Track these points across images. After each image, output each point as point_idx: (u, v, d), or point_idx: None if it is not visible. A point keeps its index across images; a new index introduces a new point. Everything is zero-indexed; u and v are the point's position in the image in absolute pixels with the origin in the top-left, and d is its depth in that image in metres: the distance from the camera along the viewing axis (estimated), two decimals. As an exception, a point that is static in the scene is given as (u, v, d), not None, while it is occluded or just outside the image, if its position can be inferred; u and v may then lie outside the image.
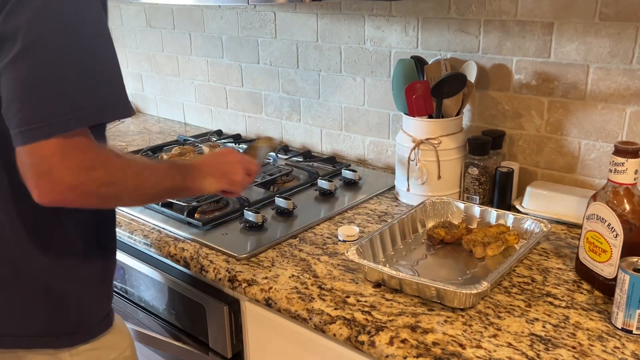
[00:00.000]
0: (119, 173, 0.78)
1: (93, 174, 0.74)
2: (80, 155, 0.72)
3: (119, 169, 0.78)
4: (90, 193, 0.74)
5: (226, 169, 1.02)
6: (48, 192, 0.71)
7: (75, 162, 0.72)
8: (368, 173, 1.51)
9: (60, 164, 0.70)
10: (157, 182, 0.87)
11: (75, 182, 0.72)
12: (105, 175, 0.75)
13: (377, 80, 1.51)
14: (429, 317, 0.87)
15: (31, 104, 0.69)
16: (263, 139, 1.39)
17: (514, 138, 1.31)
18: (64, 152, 0.70)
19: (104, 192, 0.76)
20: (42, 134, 0.69)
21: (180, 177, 0.92)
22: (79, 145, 0.72)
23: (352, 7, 1.49)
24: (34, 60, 0.69)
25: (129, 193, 0.82)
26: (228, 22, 1.80)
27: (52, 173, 0.70)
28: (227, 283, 1.02)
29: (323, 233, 1.17)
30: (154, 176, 0.86)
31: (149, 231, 1.20)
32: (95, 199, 0.77)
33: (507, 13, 1.24)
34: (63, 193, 0.72)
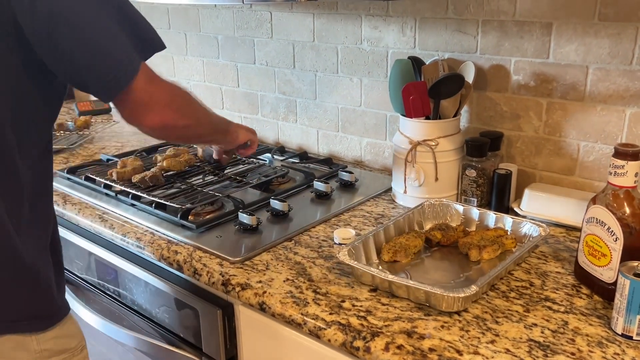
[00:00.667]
0: (188, 96, 0.99)
1: (177, 93, 0.95)
2: (159, 79, 0.90)
3: (187, 93, 0.99)
4: (180, 109, 0.93)
5: (249, 128, 1.29)
6: (157, 114, 0.89)
7: (162, 85, 0.91)
8: (365, 175, 1.49)
9: (155, 88, 0.89)
10: (214, 116, 1.12)
11: (168, 99, 0.91)
12: (183, 96, 0.97)
13: (374, 80, 1.49)
14: (425, 322, 0.85)
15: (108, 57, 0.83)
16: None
17: (512, 139, 1.30)
18: (150, 79, 0.88)
19: (188, 111, 0.96)
20: (133, 73, 0.84)
21: (225, 121, 1.18)
22: (153, 73, 0.89)
23: (348, 6, 1.48)
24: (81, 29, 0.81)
25: (201, 117, 1.03)
26: (224, 22, 1.79)
27: (153, 96, 0.88)
28: (221, 287, 1.01)
29: (319, 236, 1.15)
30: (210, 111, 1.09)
31: (142, 233, 1.18)
32: (185, 118, 0.95)
33: (506, 13, 1.23)
34: (166, 111, 0.91)
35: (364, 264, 0.99)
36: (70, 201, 1.36)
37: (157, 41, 0.92)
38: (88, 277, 1.35)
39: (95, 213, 1.29)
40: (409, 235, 1.08)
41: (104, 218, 1.26)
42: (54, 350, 0.94)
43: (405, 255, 1.03)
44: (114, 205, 1.31)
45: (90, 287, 1.35)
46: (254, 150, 1.32)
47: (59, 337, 0.95)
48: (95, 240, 1.28)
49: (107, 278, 1.28)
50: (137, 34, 0.88)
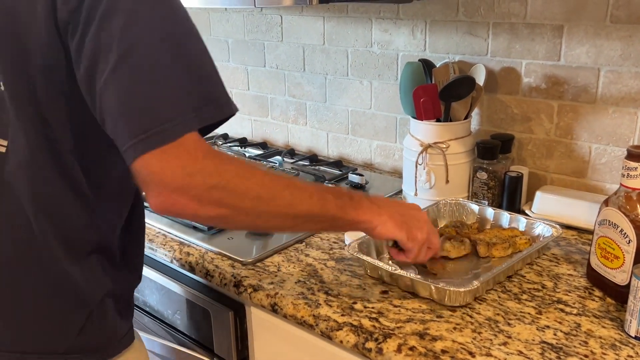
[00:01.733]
0: (234, 178, 0.70)
1: (200, 177, 0.68)
2: (185, 157, 0.67)
3: (234, 174, 0.71)
4: (200, 197, 0.68)
5: (410, 220, 0.88)
6: (157, 196, 0.67)
7: (179, 164, 0.67)
8: (375, 177, 1.50)
9: (165, 167, 0.66)
10: (296, 201, 0.75)
11: (181, 183, 0.67)
12: (214, 178, 0.68)
13: (384, 83, 1.50)
14: (437, 324, 0.85)
15: (135, 115, 0.66)
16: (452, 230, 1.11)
17: (523, 142, 1.29)
18: (169, 156, 0.66)
19: (216, 198, 0.69)
20: (149, 145, 0.65)
21: (337, 202, 0.80)
22: (185, 148, 0.67)
23: (359, 10, 1.48)
24: (132, 70, 0.66)
25: (250, 206, 0.72)
26: (234, 26, 1.80)
27: (158, 176, 0.66)
28: (233, 288, 1.01)
29: (329, 238, 1.15)
30: (293, 193, 0.75)
31: (154, 235, 1.19)
32: (209, 207, 0.69)
33: (517, 15, 1.23)
34: (172, 197, 0.67)
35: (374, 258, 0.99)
36: (82, 203, 1.37)
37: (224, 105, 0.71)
38: (100, 278, 1.36)
39: (108, 215, 1.30)
40: None
41: (116, 220, 1.27)
42: None
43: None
44: (126, 207, 1.32)
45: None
46: (409, 259, 0.92)
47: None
48: (107, 242, 1.29)
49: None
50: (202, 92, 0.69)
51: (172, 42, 0.68)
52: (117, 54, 0.65)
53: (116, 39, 0.65)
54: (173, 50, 0.68)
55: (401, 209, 0.89)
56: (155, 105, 0.66)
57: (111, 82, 0.66)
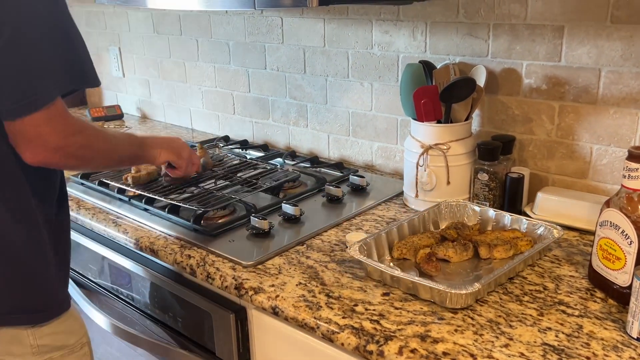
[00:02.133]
0: (93, 138, 0.95)
1: (74, 138, 0.89)
2: (63, 122, 0.87)
3: (94, 135, 0.95)
4: (71, 154, 0.90)
5: (175, 146, 1.24)
6: (38, 153, 0.86)
7: (60, 128, 0.87)
8: (376, 179, 1.50)
9: (48, 129, 0.85)
10: (122, 149, 1.06)
11: (60, 144, 0.87)
12: (83, 139, 0.91)
13: (385, 85, 1.49)
14: (439, 326, 0.85)
15: (19, 83, 0.82)
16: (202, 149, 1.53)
17: (524, 143, 1.29)
18: (50, 119, 0.85)
19: (82, 154, 0.92)
20: (30, 108, 0.83)
21: (137, 147, 1.12)
22: (60, 113, 0.86)
23: (359, 11, 1.48)
24: (15, 47, 0.81)
25: (101, 156, 0.99)
26: (235, 28, 1.80)
27: (41, 137, 0.85)
28: (234, 291, 1.01)
29: (330, 240, 1.15)
30: (119, 144, 1.05)
31: (155, 238, 1.19)
32: (74, 159, 0.92)
33: (517, 17, 1.23)
34: (50, 153, 0.87)
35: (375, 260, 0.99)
36: (84, 206, 1.37)
37: (91, 75, 0.91)
38: (102, 281, 1.36)
39: (109, 218, 1.30)
40: (422, 234, 1.08)
41: (117, 223, 1.27)
42: (51, 346, 0.97)
43: (414, 253, 1.04)
44: (127, 210, 1.32)
45: (104, 291, 1.36)
46: (180, 173, 1.29)
47: (56, 333, 0.97)
48: (108, 245, 1.30)
49: (121, 282, 1.29)
50: (74, 62, 0.87)
51: (48, 19, 0.84)
52: (7, 35, 0.80)
53: (7, 22, 0.80)
54: (49, 25, 0.84)
55: (168, 140, 1.23)
56: (35, 73, 0.83)
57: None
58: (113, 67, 2.31)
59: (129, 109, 2.33)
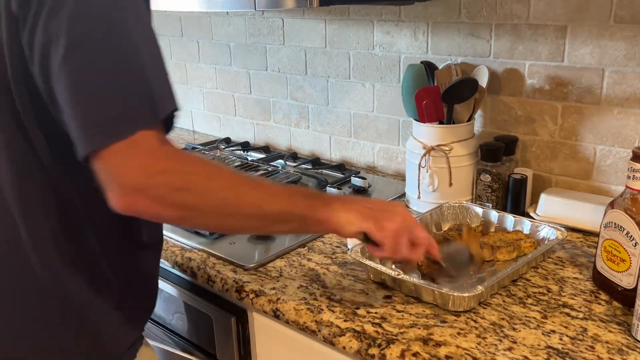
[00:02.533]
0: (198, 179, 0.68)
1: (161, 177, 0.66)
2: (145, 155, 0.66)
3: (198, 175, 0.69)
4: (162, 199, 0.66)
5: (379, 212, 0.82)
6: (118, 196, 0.66)
7: (140, 163, 0.65)
8: (378, 180, 1.49)
9: (125, 166, 0.65)
10: (263, 201, 0.72)
11: (142, 184, 0.65)
12: (178, 179, 0.67)
13: (387, 86, 1.49)
14: (441, 329, 0.84)
15: (85, 108, 0.64)
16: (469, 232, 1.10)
17: (527, 144, 1.28)
18: (127, 153, 0.65)
19: (179, 200, 0.67)
20: (101, 139, 0.64)
21: (307, 202, 0.77)
22: (143, 145, 0.65)
23: (360, 12, 1.48)
24: (80, 60, 0.64)
25: (215, 207, 0.70)
26: (236, 29, 1.79)
27: (118, 176, 0.65)
28: (235, 294, 1.00)
29: (332, 242, 1.14)
30: (260, 193, 0.73)
31: (156, 240, 1.18)
32: (172, 208, 0.68)
33: (519, 17, 1.22)
34: (133, 197, 0.65)
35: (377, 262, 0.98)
36: (84, 208, 1.36)
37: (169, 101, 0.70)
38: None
39: (110, 220, 1.29)
40: None
41: (118, 225, 1.26)
42: None
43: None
44: (127, 213, 1.31)
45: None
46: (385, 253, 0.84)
47: None
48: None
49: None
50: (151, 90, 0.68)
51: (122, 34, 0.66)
52: (67, 44, 0.63)
53: (64, 28, 0.63)
54: (123, 43, 0.66)
55: (372, 204, 0.84)
56: (107, 97, 0.64)
57: (62, 73, 0.64)
58: (114, 69, 2.30)
59: (131, 111, 2.32)
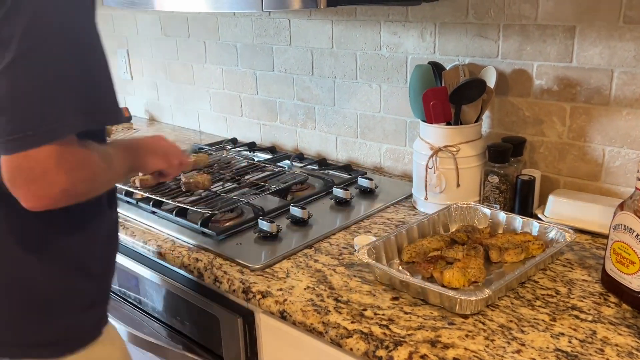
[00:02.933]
0: (97, 169, 0.80)
1: (80, 174, 0.76)
2: (72, 159, 0.74)
3: (97, 165, 0.80)
4: (77, 193, 0.77)
5: (167, 150, 1.08)
6: (41, 195, 0.72)
7: (69, 165, 0.73)
8: (385, 181, 1.48)
9: (56, 168, 0.72)
10: (120, 169, 0.91)
11: (68, 184, 0.73)
12: (88, 173, 0.78)
13: (394, 86, 1.48)
14: (449, 331, 0.84)
15: (23, 112, 0.70)
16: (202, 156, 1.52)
17: (535, 145, 1.28)
18: (60, 156, 0.72)
19: (85, 189, 0.79)
20: (36, 141, 0.70)
21: (132, 158, 0.97)
22: (71, 149, 0.73)
23: (367, 12, 1.47)
24: (25, 69, 0.69)
25: (103, 185, 0.86)
26: (243, 30, 1.79)
27: (47, 176, 0.71)
28: (242, 294, 1.00)
29: (339, 243, 1.14)
30: (117, 164, 0.89)
31: (163, 241, 1.18)
32: (75, 198, 0.78)
33: (527, 17, 1.21)
34: (56, 195, 0.73)
35: (384, 264, 0.98)
36: (91, 209, 1.37)
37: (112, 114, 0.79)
38: (109, 284, 1.35)
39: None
40: (432, 238, 1.07)
41: (125, 226, 1.27)
42: None
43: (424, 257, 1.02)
44: (134, 213, 1.31)
45: (112, 295, 1.36)
46: (169, 178, 1.15)
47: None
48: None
49: (128, 285, 1.29)
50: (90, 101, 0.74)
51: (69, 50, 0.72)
52: (15, 51, 0.68)
53: (17, 37, 0.68)
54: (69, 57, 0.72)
55: (159, 142, 1.08)
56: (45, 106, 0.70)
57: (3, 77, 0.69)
58: (121, 70, 2.31)
59: (137, 112, 2.33)
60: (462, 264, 0.97)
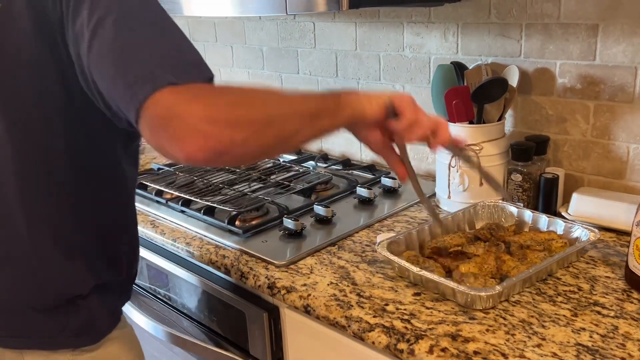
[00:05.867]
0: (247, 92, 0.70)
1: (220, 99, 0.66)
2: (197, 89, 0.67)
3: (243, 91, 0.71)
4: (229, 120, 0.64)
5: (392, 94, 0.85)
6: (187, 136, 0.62)
7: (195, 93, 0.66)
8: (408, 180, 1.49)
9: (185, 102, 0.64)
10: (299, 103, 0.74)
11: (207, 111, 0.63)
12: (234, 97, 0.68)
13: (417, 87, 1.50)
14: (470, 325, 0.85)
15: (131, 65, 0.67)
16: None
17: (559, 143, 1.28)
18: (181, 92, 0.65)
19: (243, 116, 0.65)
20: (160, 82, 0.64)
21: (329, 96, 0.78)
22: (194, 85, 0.68)
23: (390, 14, 1.49)
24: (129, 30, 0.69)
25: (273, 114, 0.69)
26: (268, 34, 1.83)
27: (181, 113, 0.63)
28: (267, 290, 1.03)
29: (362, 241, 1.16)
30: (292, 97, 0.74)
31: (191, 239, 1.22)
32: (240, 126, 0.64)
33: (550, 16, 1.22)
34: (203, 130, 0.62)
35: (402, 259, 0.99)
36: (123, 208, 1.42)
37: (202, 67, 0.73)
38: (140, 281, 1.40)
39: (147, 219, 1.34)
40: (455, 234, 1.08)
41: (155, 224, 1.31)
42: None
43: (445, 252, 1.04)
44: (164, 212, 1.36)
45: (143, 291, 1.40)
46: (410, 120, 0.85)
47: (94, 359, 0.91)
48: (146, 246, 1.33)
49: (158, 282, 1.33)
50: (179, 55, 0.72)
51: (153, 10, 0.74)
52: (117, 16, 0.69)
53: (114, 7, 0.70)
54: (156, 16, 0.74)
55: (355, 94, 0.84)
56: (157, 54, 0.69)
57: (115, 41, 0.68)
58: (151, 74, 2.37)
59: (166, 115, 2.39)
60: (481, 259, 0.98)
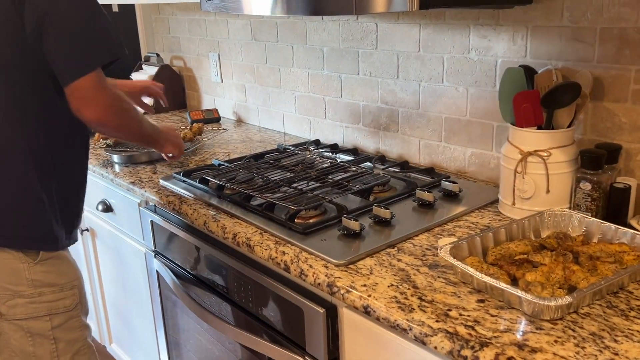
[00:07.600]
0: (127, 106, 1.25)
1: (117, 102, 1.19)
2: (105, 84, 1.15)
3: (127, 103, 1.25)
4: (117, 111, 1.19)
5: (177, 141, 1.56)
6: (94, 111, 1.13)
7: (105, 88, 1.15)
8: (469, 185, 1.47)
9: (99, 91, 1.13)
10: (146, 127, 1.36)
11: (109, 102, 1.15)
12: (124, 104, 1.22)
13: (482, 90, 1.47)
14: (537, 335, 0.83)
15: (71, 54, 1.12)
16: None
17: (632, 152, 1.22)
18: (99, 82, 1.13)
19: (123, 116, 1.22)
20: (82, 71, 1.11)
21: (155, 132, 1.43)
22: (102, 78, 1.14)
23: (457, 16, 1.47)
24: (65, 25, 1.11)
25: (133, 125, 1.29)
26: (330, 34, 1.84)
27: (96, 97, 1.13)
28: (326, 288, 1.03)
29: (422, 244, 1.15)
30: (144, 122, 1.36)
31: (252, 234, 1.24)
32: (118, 119, 1.20)
33: (627, 20, 1.17)
34: (104, 111, 1.15)
35: (466, 265, 0.97)
36: (185, 202, 1.45)
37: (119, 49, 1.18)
38: (199, 273, 1.43)
39: (209, 213, 1.36)
40: (520, 241, 1.06)
41: (216, 218, 1.33)
42: (42, 282, 1.21)
43: (509, 259, 1.01)
44: (225, 206, 1.38)
45: (201, 283, 1.43)
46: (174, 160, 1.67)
47: (48, 272, 1.22)
48: (207, 239, 1.36)
49: (217, 276, 1.35)
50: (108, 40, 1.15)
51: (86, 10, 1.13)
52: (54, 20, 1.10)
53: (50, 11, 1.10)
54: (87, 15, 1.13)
55: (171, 134, 1.54)
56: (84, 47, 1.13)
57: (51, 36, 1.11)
58: (212, 73, 2.42)
59: (226, 113, 2.44)
60: (548, 268, 0.95)
